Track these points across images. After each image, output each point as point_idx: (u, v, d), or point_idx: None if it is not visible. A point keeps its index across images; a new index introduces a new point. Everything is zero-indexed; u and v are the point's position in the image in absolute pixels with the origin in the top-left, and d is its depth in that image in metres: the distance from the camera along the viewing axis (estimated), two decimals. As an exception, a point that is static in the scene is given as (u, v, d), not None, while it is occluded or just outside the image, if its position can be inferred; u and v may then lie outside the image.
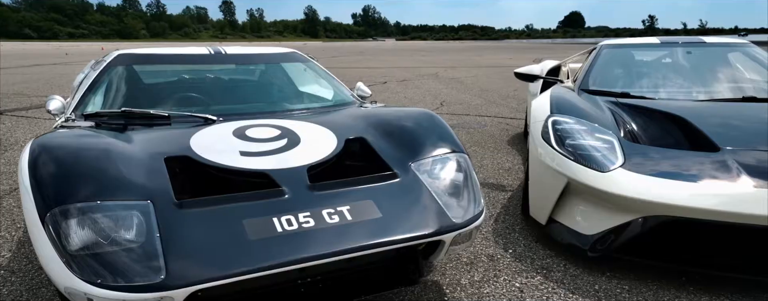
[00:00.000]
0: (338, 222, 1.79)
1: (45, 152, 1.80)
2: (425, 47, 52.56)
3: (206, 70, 3.21)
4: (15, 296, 2.23)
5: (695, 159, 2.37)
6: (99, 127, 2.34)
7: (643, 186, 2.25)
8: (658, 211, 2.20)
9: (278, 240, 1.68)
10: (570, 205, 2.61)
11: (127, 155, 1.92)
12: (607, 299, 2.23)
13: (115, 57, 2.98)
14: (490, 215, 3.26)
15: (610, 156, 2.47)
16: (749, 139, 2.46)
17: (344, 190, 1.96)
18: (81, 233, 1.56)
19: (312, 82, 3.31)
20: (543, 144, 2.73)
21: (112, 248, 1.55)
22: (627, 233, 2.31)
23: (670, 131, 2.70)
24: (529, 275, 2.46)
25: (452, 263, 2.59)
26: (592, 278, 2.42)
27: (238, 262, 1.57)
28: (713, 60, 3.68)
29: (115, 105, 2.66)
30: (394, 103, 8.76)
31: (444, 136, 2.39)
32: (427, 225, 1.88)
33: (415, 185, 2.05)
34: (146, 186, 1.77)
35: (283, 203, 1.84)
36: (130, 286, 1.46)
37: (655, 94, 3.26)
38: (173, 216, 1.68)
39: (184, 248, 1.59)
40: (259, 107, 2.81)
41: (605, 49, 4.02)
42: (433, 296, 2.27)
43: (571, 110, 2.88)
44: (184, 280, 1.49)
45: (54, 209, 1.60)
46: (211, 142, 2.17)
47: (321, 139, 2.29)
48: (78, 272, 1.49)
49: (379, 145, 2.28)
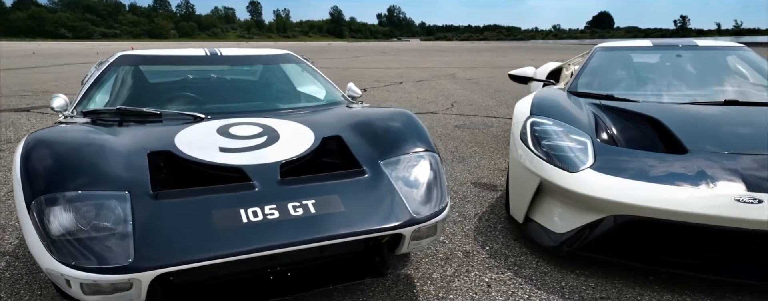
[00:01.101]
0: (302, 214, 1.91)
1: (36, 146, 1.97)
2: (448, 47, 52.40)
3: (202, 70, 3.38)
4: (15, 279, 2.42)
5: (663, 161, 2.42)
6: (95, 124, 2.51)
7: (608, 186, 2.31)
8: (623, 211, 2.26)
9: (243, 229, 1.81)
10: (544, 204, 2.68)
11: (113, 150, 2.07)
12: (571, 295, 2.30)
13: (117, 58, 3.17)
14: (475, 214, 3.34)
15: (582, 157, 2.53)
16: (718, 142, 2.49)
17: (312, 185, 2.08)
18: (61, 220, 1.71)
19: (303, 83, 3.45)
20: (521, 145, 2.80)
21: (89, 234, 1.70)
22: (594, 232, 2.37)
23: (646, 134, 2.75)
24: (500, 271, 2.54)
25: (428, 258, 2.69)
26: (560, 275, 2.48)
27: (202, 249, 1.71)
28: (703, 63, 3.68)
29: (114, 103, 2.84)
30: (405, 103, 8.86)
31: (417, 136, 2.49)
32: (386, 219, 1.98)
33: (381, 182, 2.16)
34: (126, 178, 1.92)
35: (252, 195, 1.97)
36: (100, 268, 1.61)
37: (640, 96, 3.28)
38: (147, 206, 1.83)
39: (153, 235, 1.73)
40: (249, 106, 2.96)
41: (599, 51, 4.05)
42: (403, 288, 2.38)
43: (550, 112, 2.94)
44: (150, 264, 1.63)
45: (39, 197, 1.76)
46: (194, 138, 2.32)
47: (299, 137, 2.42)
48: (56, 254, 1.65)
49: (353, 144, 2.39)
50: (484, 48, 49.03)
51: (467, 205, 3.53)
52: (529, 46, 57.79)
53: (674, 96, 3.28)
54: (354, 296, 2.29)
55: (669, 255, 2.33)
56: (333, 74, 15.64)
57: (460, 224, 3.18)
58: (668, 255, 2.33)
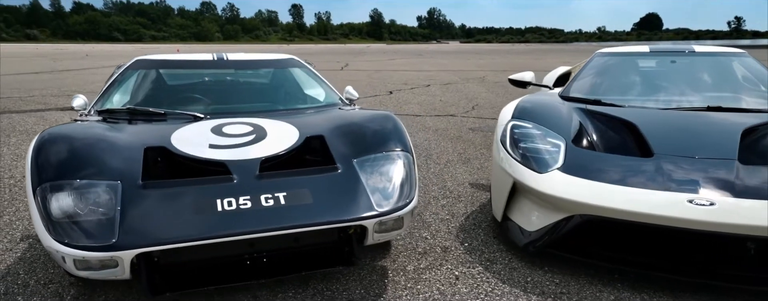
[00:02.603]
0: (272, 205, 2.12)
1: (47, 140, 2.26)
2: (485, 50, 51.99)
3: (209, 74, 3.65)
4: (34, 259, 2.73)
5: (628, 164, 2.50)
6: (106, 122, 2.80)
7: (571, 187, 2.41)
8: (585, 210, 2.36)
9: (216, 217, 2.03)
10: (519, 204, 2.80)
11: (114, 145, 2.34)
12: (533, 290, 2.41)
13: (133, 62, 3.48)
14: (464, 213, 3.47)
15: (553, 159, 2.63)
16: (683, 147, 2.55)
17: (286, 179, 2.29)
18: (60, 204, 1.98)
19: (303, 86, 3.67)
20: (500, 147, 2.92)
21: (83, 217, 1.96)
22: (559, 231, 2.48)
23: (623, 138, 2.82)
24: (472, 266, 2.67)
25: (407, 252, 2.84)
26: (528, 272, 2.60)
27: (177, 232, 1.94)
28: (697, 69, 3.68)
29: (127, 103, 3.13)
30: (427, 105, 9.00)
31: (394, 136, 2.66)
32: (350, 211, 2.17)
33: (351, 178, 2.34)
34: (120, 169, 2.18)
35: (229, 187, 2.19)
36: (88, 246, 1.86)
37: (626, 101, 3.33)
38: (135, 194, 2.07)
39: (137, 219, 1.97)
40: (248, 107, 3.20)
41: (597, 56, 4.10)
42: (375, 277, 2.55)
43: (532, 116, 3.05)
44: (130, 243, 1.87)
45: (44, 184, 2.03)
46: (189, 136, 2.57)
47: (284, 136, 2.63)
48: (54, 234, 1.91)
49: (333, 143, 2.58)
50: (521, 50, 48.41)
51: (459, 204, 3.66)
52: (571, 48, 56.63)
53: (660, 101, 3.31)
54: (329, 283, 2.47)
55: (631, 254, 2.41)
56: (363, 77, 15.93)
57: (446, 221, 3.31)
58: (630, 254, 2.41)
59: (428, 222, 3.30)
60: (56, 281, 2.48)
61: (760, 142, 2.58)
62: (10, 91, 10.79)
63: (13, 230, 3.14)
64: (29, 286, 2.44)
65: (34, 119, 7.27)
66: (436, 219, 3.36)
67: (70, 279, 2.47)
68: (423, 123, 7.20)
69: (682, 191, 2.22)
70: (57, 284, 2.45)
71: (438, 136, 6.19)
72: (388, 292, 2.41)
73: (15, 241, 2.97)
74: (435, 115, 7.90)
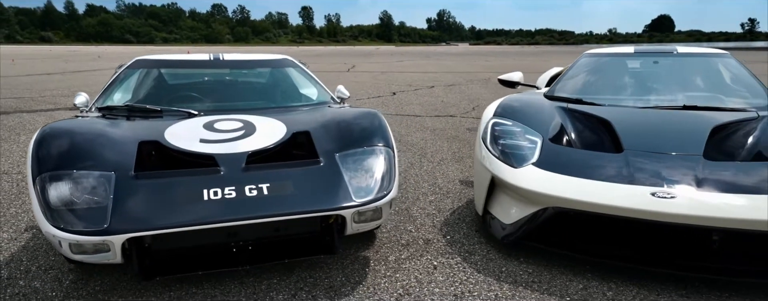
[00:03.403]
0: (255, 196, 2.25)
1: (47, 133, 2.41)
2: (494, 52, 51.97)
3: (206, 73, 3.80)
4: (37, 247, 2.89)
5: (598, 159, 2.60)
6: (105, 118, 2.96)
7: (542, 181, 2.53)
8: (555, 203, 2.47)
9: (202, 205, 2.17)
10: (498, 198, 2.91)
11: (110, 139, 2.49)
12: (506, 279, 2.53)
13: (133, 62, 3.64)
14: (450, 208, 3.59)
15: (529, 155, 2.75)
16: (653, 143, 2.65)
17: (271, 171, 2.42)
18: (58, 192, 2.13)
19: (296, 85, 3.81)
20: (481, 144, 3.03)
21: (78, 205, 2.10)
22: (533, 223, 2.59)
23: (599, 135, 2.92)
24: (451, 257, 2.79)
25: (390, 244, 2.97)
26: (504, 262, 2.71)
27: (164, 219, 2.08)
28: (678, 70, 3.77)
29: (126, 100, 3.29)
30: (428, 106, 9.11)
31: (377, 133, 2.78)
32: (329, 202, 2.30)
33: (332, 171, 2.47)
34: (115, 161, 2.33)
35: (216, 179, 2.32)
36: (81, 231, 2.00)
37: (607, 100, 3.43)
38: (127, 184, 2.22)
39: (127, 207, 2.11)
40: (240, 105, 3.35)
41: (584, 57, 4.20)
42: (357, 266, 2.67)
43: (513, 114, 3.16)
44: (120, 229, 2.01)
45: (43, 174, 2.18)
46: (181, 131, 2.71)
47: (272, 132, 2.77)
48: (52, 220, 2.05)
49: (318, 138, 2.72)
50: (530, 52, 48.34)
51: (446, 200, 3.78)
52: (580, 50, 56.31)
53: (639, 100, 3.40)
54: (312, 271, 2.60)
55: (600, 245, 2.52)
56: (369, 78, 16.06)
57: (432, 216, 3.43)
58: (600, 245, 2.52)
59: (414, 216, 3.42)
60: (56, 267, 2.63)
61: (727, 139, 2.67)
62: (22, 92, 11.06)
63: (18, 221, 3.31)
64: (31, 272, 2.59)
65: (43, 119, 7.48)
66: (423, 214, 3.47)
67: (68, 266, 2.62)
68: (422, 123, 7.31)
69: (646, 184, 2.32)
70: (56, 270, 2.60)
71: (435, 136, 6.30)
72: (368, 280, 2.53)
73: (20, 231, 3.13)
74: (434, 116, 8.01)
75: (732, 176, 2.33)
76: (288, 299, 2.34)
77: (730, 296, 2.31)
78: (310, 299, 2.33)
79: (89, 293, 2.37)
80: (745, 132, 2.72)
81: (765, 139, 2.62)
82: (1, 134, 6.25)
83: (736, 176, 2.32)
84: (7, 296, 2.36)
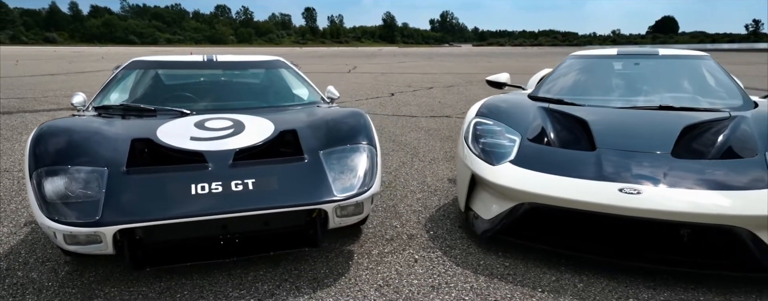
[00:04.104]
0: (241, 190, 2.37)
1: (44, 131, 2.54)
2: (496, 53, 52.10)
3: (200, 74, 3.93)
4: (35, 241, 3.01)
5: (572, 157, 2.71)
6: (101, 117, 3.08)
7: (518, 178, 2.63)
8: (529, 199, 2.57)
9: (189, 199, 2.28)
10: (478, 195, 3.02)
11: (104, 136, 2.61)
12: (483, 271, 2.63)
13: (130, 63, 3.77)
14: (436, 205, 3.69)
15: (507, 153, 2.85)
16: (625, 141, 2.75)
17: (257, 167, 2.54)
18: (53, 186, 2.25)
19: (287, 85, 3.93)
20: (463, 142, 3.14)
21: (72, 198, 2.22)
22: (509, 218, 2.69)
23: (576, 134, 3.02)
24: (432, 251, 2.90)
25: (375, 238, 3.07)
26: (483, 256, 2.81)
27: (153, 212, 2.19)
28: (657, 71, 3.87)
29: (122, 100, 3.41)
30: (425, 106, 9.21)
31: (361, 131, 2.89)
32: (311, 197, 2.41)
33: (316, 167, 2.58)
34: (108, 157, 2.44)
35: (204, 174, 2.44)
36: (75, 222, 2.12)
37: (587, 101, 3.53)
38: (119, 179, 2.33)
39: (119, 200, 2.23)
40: (232, 105, 3.47)
41: (570, 59, 4.31)
42: (341, 260, 2.78)
43: (495, 114, 3.26)
44: (110, 221, 2.13)
45: (39, 169, 2.30)
46: (173, 129, 2.83)
47: (261, 130, 2.88)
48: (47, 212, 2.17)
49: (304, 136, 2.83)
50: (533, 53, 48.42)
51: (433, 197, 3.88)
52: (582, 51, 56.37)
53: (618, 101, 3.50)
54: (298, 264, 2.71)
55: (573, 239, 2.62)
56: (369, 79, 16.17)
57: (418, 213, 3.54)
58: (573, 239, 2.62)
59: (401, 213, 3.53)
60: (53, 259, 2.75)
61: (696, 138, 2.77)
62: (25, 92, 11.22)
63: (18, 216, 3.43)
64: (28, 263, 2.71)
65: (45, 118, 7.62)
66: (409, 210, 3.58)
67: (65, 258, 2.74)
68: (417, 123, 7.42)
69: (615, 180, 2.43)
70: (53, 262, 2.72)
71: (428, 136, 6.41)
72: (350, 272, 2.64)
73: (19, 226, 3.25)
74: (430, 116, 8.12)
75: (696, 173, 2.43)
76: (272, 289, 2.45)
77: (696, 288, 2.41)
78: (294, 290, 2.44)
79: (83, 283, 2.49)
80: (715, 131, 2.82)
81: (734, 137, 2.72)
82: (4, 134, 6.39)
83: (700, 174, 2.42)
84: (5, 286, 2.48)
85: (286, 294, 2.40)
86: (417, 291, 2.44)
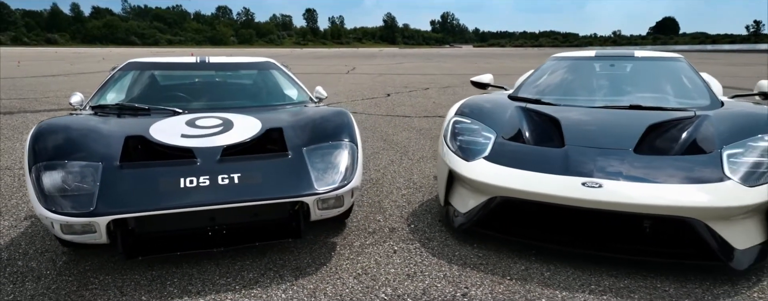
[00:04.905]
0: (227, 184, 2.52)
1: (43, 128, 2.70)
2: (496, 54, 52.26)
3: (193, 75, 4.09)
4: (35, 233, 3.17)
5: (542, 153, 2.86)
6: (97, 115, 3.24)
7: (490, 173, 2.78)
8: (500, 192, 2.73)
9: (179, 192, 2.44)
10: (456, 190, 3.17)
11: (99, 133, 2.77)
12: (457, 261, 2.78)
13: (126, 64, 3.93)
14: (419, 201, 3.85)
15: (482, 150, 3.00)
16: (591, 138, 2.90)
17: (243, 163, 2.69)
18: (51, 179, 2.40)
19: (277, 86, 4.08)
20: (442, 140, 3.29)
21: (69, 191, 2.38)
22: (483, 211, 2.84)
23: (549, 132, 3.17)
24: (411, 243, 3.05)
25: (358, 231, 3.23)
26: (459, 248, 2.96)
27: (143, 204, 2.35)
28: (631, 72, 4.02)
29: (118, 99, 3.58)
30: (419, 107, 9.36)
31: (344, 130, 3.04)
32: (292, 190, 2.56)
33: (298, 163, 2.74)
34: (102, 153, 2.60)
35: (192, 169, 2.59)
36: (70, 213, 2.27)
37: (562, 101, 3.68)
38: (113, 173, 2.49)
39: (113, 193, 2.39)
40: (223, 104, 3.63)
41: (551, 60, 4.46)
42: (324, 250, 2.93)
43: (474, 113, 3.42)
44: (104, 211, 2.28)
45: (39, 164, 2.46)
46: (165, 127, 2.99)
47: (248, 128, 3.04)
48: (45, 203, 2.33)
49: (289, 134, 2.98)
50: (533, 54, 48.55)
51: (418, 194, 4.03)
52: (582, 52, 56.47)
53: (591, 100, 3.66)
54: (282, 254, 2.87)
55: (543, 231, 2.77)
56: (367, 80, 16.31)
57: (401, 208, 3.69)
58: (542, 231, 2.78)
59: (385, 208, 3.68)
60: (51, 250, 2.91)
61: (658, 136, 2.92)
62: (26, 93, 11.40)
63: (18, 211, 3.59)
64: (28, 254, 2.87)
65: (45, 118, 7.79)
66: (393, 205, 3.73)
67: (62, 249, 2.90)
68: (410, 123, 7.57)
69: (579, 175, 2.58)
70: (51, 253, 2.88)
71: (419, 136, 6.56)
72: (331, 261, 2.79)
73: (19, 219, 3.41)
74: (423, 117, 8.27)
75: (655, 168, 2.58)
76: (257, 277, 2.60)
77: (655, 277, 2.56)
78: (277, 278, 2.60)
79: (80, 272, 2.65)
80: (679, 129, 2.97)
81: (696, 135, 2.87)
82: (5, 133, 6.56)
83: (659, 169, 2.57)
84: (6, 274, 2.63)
85: (269, 281, 2.56)
86: (393, 279, 2.59)
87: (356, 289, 2.49)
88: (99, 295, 2.41)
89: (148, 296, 2.41)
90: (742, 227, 2.46)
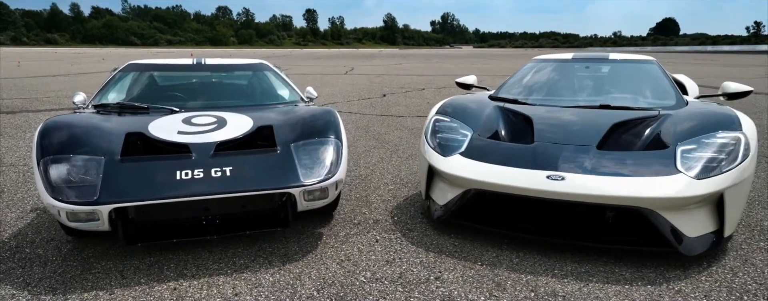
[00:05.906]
0: (219, 177, 2.74)
1: (50, 124, 2.91)
2: (496, 54, 52.52)
3: (190, 76, 4.31)
4: (40, 224, 3.38)
5: (513, 149, 3.07)
6: (99, 113, 3.45)
7: (465, 167, 3.00)
8: (474, 185, 2.94)
9: (175, 183, 2.65)
10: (436, 184, 3.38)
11: (101, 130, 2.99)
12: (433, 249, 3.00)
13: (126, 65, 4.15)
14: (404, 196, 4.06)
15: (458, 146, 3.22)
16: (558, 136, 3.11)
17: (235, 158, 2.91)
18: (58, 171, 2.62)
19: (269, 86, 4.30)
20: (423, 138, 3.51)
21: (74, 182, 2.59)
22: (458, 203, 3.06)
23: (523, 130, 3.38)
24: (393, 233, 3.26)
25: (344, 223, 3.44)
26: (437, 237, 3.18)
27: (142, 194, 2.56)
28: (605, 74, 4.24)
29: (119, 99, 3.79)
30: (414, 107, 9.57)
31: (330, 127, 3.26)
32: (280, 182, 2.77)
33: (286, 157, 2.95)
34: (105, 148, 2.82)
35: (188, 163, 2.81)
36: (76, 202, 2.49)
37: (538, 101, 3.90)
38: (114, 166, 2.71)
39: (114, 184, 2.60)
40: (218, 104, 3.84)
41: (532, 62, 4.68)
42: (311, 240, 3.15)
43: (453, 112, 3.63)
44: (106, 200, 2.50)
45: (46, 158, 2.68)
46: (163, 124, 3.20)
47: (241, 126, 3.25)
48: (52, 193, 2.54)
49: (279, 131, 3.20)
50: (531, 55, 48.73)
51: (404, 189, 4.25)
52: (580, 53, 56.73)
53: (564, 100, 3.87)
54: (271, 243, 3.08)
55: (512, 221, 2.99)
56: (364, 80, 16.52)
57: (387, 202, 3.91)
58: (512, 221, 2.99)
59: (371, 202, 3.90)
60: (56, 239, 3.12)
61: (622, 133, 3.12)
62: (28, 92, 11.62)
63: (24, 204, 3.80)
64: (35, 242, 3.08)
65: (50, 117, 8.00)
66: (379, 200, 3.95)
67: (67, 237, 3.11)
68: (403, 123, 7.78)
69: (544, 169, 2.79)
70: (57, 241, 3.09)
71: (411, 135, 6.77)
72: (317, 249, 3.01)
73: (26, 212, 3.63)
74: (417, 116, 8.48)
75: (615, 163, 2.79)
76: (247, 263, 2.81)
77: (615, 262, 2.77)
78: (266, 264, 2.81)
79: (83, 258, 2.86)
80: (642, 127, 3.17)
81: (656, 133, 3.07)
82: (8, 132, 6.77)
83: (618, 163, 2.78)
84: (15, 260, 2.85)
85: (259, 267, 2.77)
86: (373, 265, 2.80)
87: (338, 273, 2.71)
88: (101, 278, 2.63)
89: (146, 279, 2.63)
90: (693, 217, 2.67)
